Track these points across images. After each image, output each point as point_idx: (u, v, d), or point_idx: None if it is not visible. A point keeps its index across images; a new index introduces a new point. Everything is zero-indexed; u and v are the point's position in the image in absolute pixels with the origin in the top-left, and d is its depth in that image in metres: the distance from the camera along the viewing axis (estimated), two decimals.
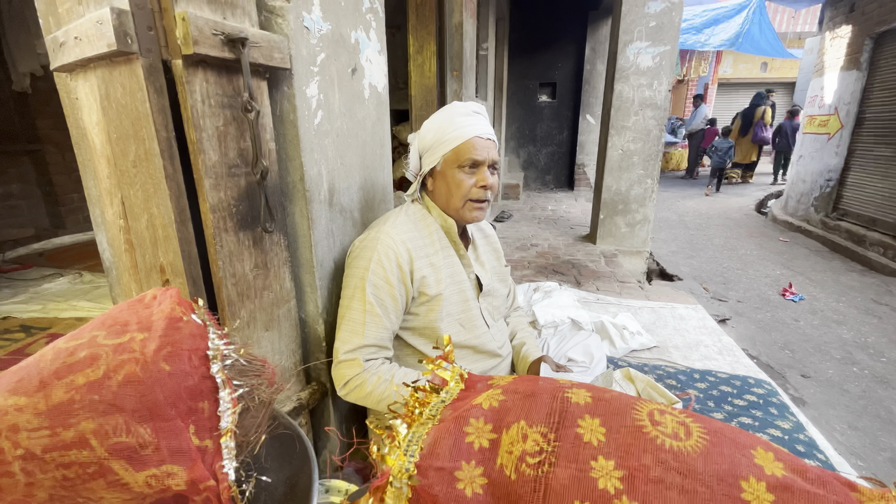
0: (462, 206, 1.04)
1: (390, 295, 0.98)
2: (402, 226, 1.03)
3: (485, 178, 1.01)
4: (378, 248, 0.97)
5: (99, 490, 0.35)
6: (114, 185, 0.74)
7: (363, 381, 0.95)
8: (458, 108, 1.04)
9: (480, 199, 1.04)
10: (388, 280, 0.97)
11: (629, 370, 1.39)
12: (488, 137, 1.02)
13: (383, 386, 0.95)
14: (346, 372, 0.96)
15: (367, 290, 0.96)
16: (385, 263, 0.97)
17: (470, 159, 1.00)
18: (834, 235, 4.76)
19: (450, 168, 1.02)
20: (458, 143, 1.00)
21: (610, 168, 3.56)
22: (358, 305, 0.96)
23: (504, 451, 0.45)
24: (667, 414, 0.45)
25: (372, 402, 0.95)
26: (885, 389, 2.24)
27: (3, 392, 0.35)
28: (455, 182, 1.02)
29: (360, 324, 0.96)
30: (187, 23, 0.62)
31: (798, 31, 9.52)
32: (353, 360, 0.95)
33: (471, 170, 1.02)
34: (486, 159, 1.02)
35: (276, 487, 0.44)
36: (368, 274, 0.96)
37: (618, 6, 3.34)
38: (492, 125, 4.44)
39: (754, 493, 0.38)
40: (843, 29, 5.00)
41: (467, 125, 1.01)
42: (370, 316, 0.96)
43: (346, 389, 0.97)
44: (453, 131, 1.01)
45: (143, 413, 0.36)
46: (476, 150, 1.00)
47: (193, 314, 0.42)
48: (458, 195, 1.03)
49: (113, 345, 0.37)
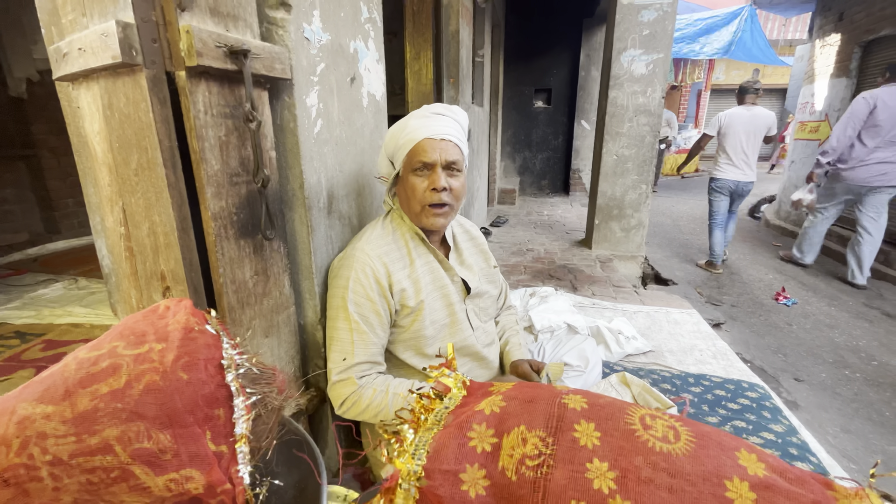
0: (420, 212, 1.00)
1: (373, 311, 0.97)
2: (376, 241, 1.02)
3: (436, 181, 0.96)
4: (355, 265, 0.97)
5: (121, 494, 0.36)
6: (115, 193, 0.75)
7: (359, 398, 0.95)
8: (418, 111, 1.02)
9: (436, 202, 0.98)
10: (368, 297, 0.97)
11: (625, 374, 1.41)
12: (442, 137, 0.97)
13: (379, 398, 0.95)
14: (342, 391, 0.96)
15: (349, 309, 0.95)
16: (363, 280, 0.96)
17: (419, 161, 0.97)
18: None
19: (406, 173, 1.00)
20: (410, 146, 0.97)
21: (605, 173, 3.59)
22: (343, 325, 0.96)
23: (505, 454, 0.47)
24: (657, 418, 0.47)
25: (370, 415, 0.96)
26: (876, 392, 2.27)
27: (31, 401, 0.37)
28: (410, 187, 0.99)
29: (348, 343, 0.96)
30: (191, 35, 0.64)
31: (789, 38, 9.68)
32: (346, 380, 0.96)
33: (423, 172, 0.98)
34: (437, 160, 0.96)
35: (285, 491, 0.45)
36: (349, 293, 0.96)
37: (612, 14, 3.39)
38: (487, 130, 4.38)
39: (738, 491, 0.40)
40: (833, 37, 5.10)
41: (419, 127, 0.97)
42: (357, 334, 0.96)
43: (344, 408, 0.97)
44: (406, 135, 0.98)
45: (163, 420, 0.37)
46: (425, 151, 0.96)
47: (207, 324, 0.43)
48: (414, 200, 1.00)
49: (133, 355, 0.38)
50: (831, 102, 5.05)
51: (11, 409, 0.38)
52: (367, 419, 0.98)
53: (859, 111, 3.23)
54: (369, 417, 0.96)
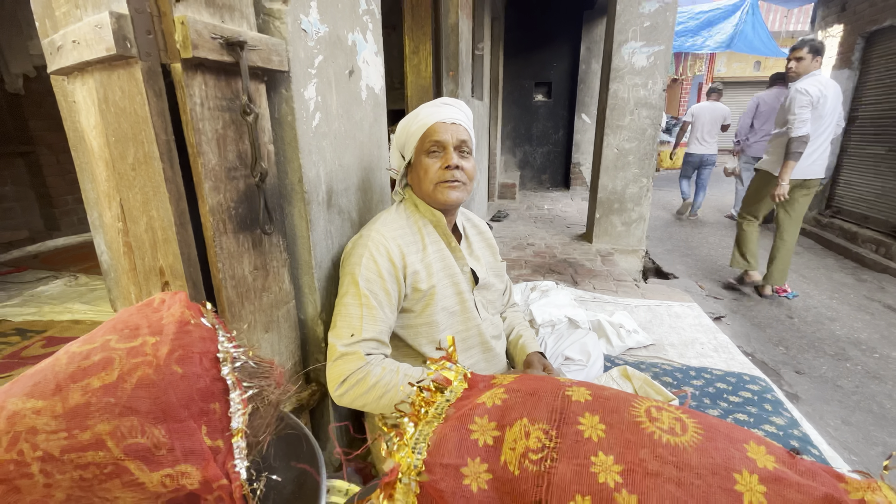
0: (433, 189, 1.04)
1: (383, 288, 0.98)
2: (392, 223, 1.05)
3: (449, 159, 1.02)
4: (369, 244, 0.99)
5: (115, 490, 0.35)
6: (112, 188, 0.74)
7: (366, 374, 0.89)
8: (427, 103, 1.08)
9: (448, 179, 1.03)
10: (380, 274, 0.97)
11: (626, 368, 1.41)
12: (453, 121, 1.04)
13: (389, 376, 0.91)
14: (347, 367, 0.90)
15: (360, 284, 0.96)
16: (377, 258, 0.98)
17: (432, 142, 1.02)
18: (827, 233, 4.81)
19: (419, 156, 1.05)
20: (422, 131, 1.03)
21: (606, 167, 3.58)
22: (353, 301, 0.96)
23: (507, 447, 0.46)
24: (663, 410, 0.47)
25: (374, 395, 0.89)
26: (877, 385, 2.26)
27: (21, 395, 0.36)
28: (423, 168, 1.04)
29: (357, 318, 0.94)
30: (186, 27, 0.63)
31: (791, 30, 9.59)
32: (353, 354, 0.91)
33: (436, 153, 1.04)
34: (450, 140, 1.03)
35: (284, 486, 0.44)
36: (360, 269, 0.97)
37: (612, 6, 3.36)
38: (487, 124, 4.37)
39: (747, 484, 0.40)
40: (835, 28, 5.05)
41: (431, 114, 1.04)
42: (367, 309, 0.95)
43: (345, 387, 0.90)
44: (418, 121, 1.04)
45: (156, 415, 0.37)
46: (437, 132, 1.02)
47: (202, 318, 0.42)
48: (427, 179, 1.04)
49: (126, 348, 0.37)
50: None
51: (1, 404, 0.37)
52: (367, 403, 0.91)
53: (749, 106, 4.85)
54: (372, 399, 0.90)
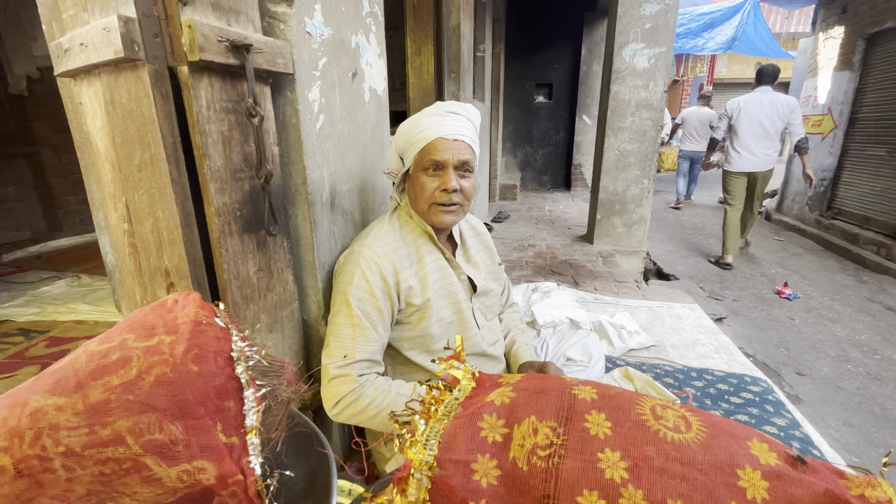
0: (427, 210, 1.00)
1: (375, 307, 0.95)
2: (384, 237, 1.00)
3: (447, 182, 0.96)
4: (360, 261, 0.95)
5: (134, 485, 0.37)
6: (118, 189, 0.75)
7: (359, 396, 0.91)
8: (431, 108, 1.01)
9: (445, 202, 0.98)
10: (372, 293, 0.94)
11: (628, 369, 1.41)
12: (455, 138, 0.96)
13: (381, 396, 0.91)
14: (340, 389, 0.91)
15: (352, 304, 0.93)
16: (369, 276, 0.94)
17: (431, 161, 0.96)
18: (828, 234, 4.81)
19: (416, 171, 0.99)
20: (422, 145, 0.96)
21: (607, 168, 3.58)
22: (345, 321, 0.94)
23: (516, 444, 0.47)
24: (668, 409, 0.48)
25: (367, 415, 0.91)
26: (878, 386, 2.27)
27: (43, 393, 0.37)
28: (419, 185, 0.98)
29: (349, 339, 0.93)
30: (193, 30, 0.63)
31: (792, 31, 9.59)
32: (346, 376, 0.91)
33: (434, 172, 0.97)
34: (450, 160, 0.96)
35: (295, 482, 0.45)
36: (352, 288, 0.94)
37: (613, 8, 3.37)
38: (488, 125, 4.37)
39: (750, 480, 0.41)
40: (836, 30, 5.06)
41: (432, 126, 0.97)
42: (359, 330, 0.93)
43: (339, 408, 0.91)
44: (418, 133, 0.97)
45: (174, 412, 0.38)
46: (438, 151, 0.95)
47: (216, 318, 0.43)
48: (422, 198, 0.99)
49: (143, 347, 0.38)
50: (834, 96, 5.02)
51: (24, 400, 0.38)
52: (362, 421, 0.92)
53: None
54: (366, 419, 0.91)
